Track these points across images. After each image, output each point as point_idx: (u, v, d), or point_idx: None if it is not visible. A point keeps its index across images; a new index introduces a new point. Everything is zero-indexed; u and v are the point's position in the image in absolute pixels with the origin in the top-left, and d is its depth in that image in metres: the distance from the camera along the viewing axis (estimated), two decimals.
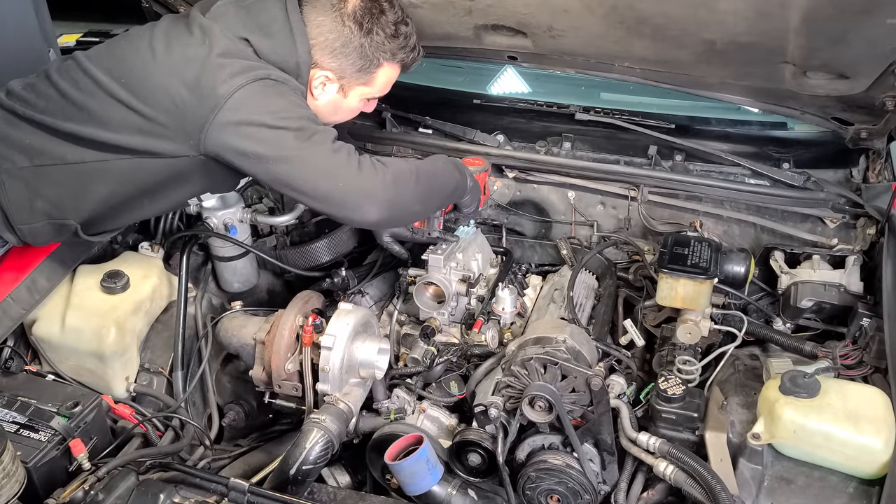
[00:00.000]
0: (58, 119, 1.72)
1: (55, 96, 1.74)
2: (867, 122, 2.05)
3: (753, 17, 1.67)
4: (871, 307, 1.89)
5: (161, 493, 1.59)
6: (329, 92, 1.87)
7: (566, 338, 1.83)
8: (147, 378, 2.19)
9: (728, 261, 2.03)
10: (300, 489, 1.77)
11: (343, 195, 1.71)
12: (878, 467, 1.56)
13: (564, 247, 2.38)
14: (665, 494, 1.72)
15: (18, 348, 2.13)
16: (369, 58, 1.83)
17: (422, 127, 2.54)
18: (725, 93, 2.15)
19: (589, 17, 1.85)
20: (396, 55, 1.87)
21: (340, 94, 1.88)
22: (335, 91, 1.87)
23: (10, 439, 1.57)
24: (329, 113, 1.91)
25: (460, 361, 2.03)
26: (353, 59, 1.82)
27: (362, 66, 1.84)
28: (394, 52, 1.86)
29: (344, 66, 1.82)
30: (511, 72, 2.71)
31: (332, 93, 1.87)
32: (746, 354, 1.99)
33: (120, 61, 1.74)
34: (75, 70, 1.76)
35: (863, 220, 2.14)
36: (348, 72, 1.84)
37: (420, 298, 2.09)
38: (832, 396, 1.62)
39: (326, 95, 1.87)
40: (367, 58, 1.83)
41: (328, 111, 1.90)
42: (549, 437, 1.78)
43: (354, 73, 1.84)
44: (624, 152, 2.40)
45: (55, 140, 1.73)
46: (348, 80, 1.86)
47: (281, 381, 2.02)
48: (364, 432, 2.00)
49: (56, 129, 1.73)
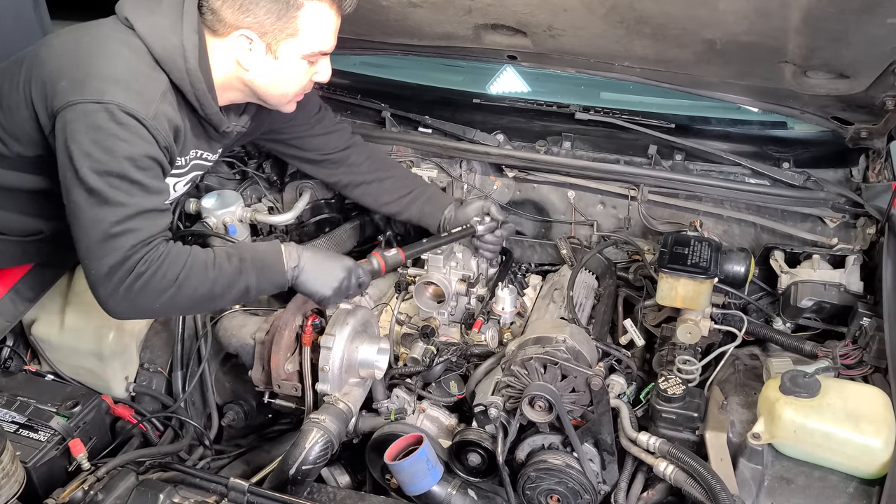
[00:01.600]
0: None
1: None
2: (867, 121, 2.05)
3: (754, 16, 1.67)
4: (871, 307, 1.88)
5: (161, 493, 1.59)
6: (257, 56, 1.67)
7: (566, 337, 1.83)
8: (146, 378, 2.19)
9: (728, 260, 2.03)
10: (300, 489, 1.77)
11: (90, 278, 1.57)
12: (878, 467, 1.56)
13: (564, 246, 2.38)
14: (665, 494, 1.72)
15: (18, 348, 2.13)
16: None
17: (421, 126, 2.54)
18: (725, 92, 2.15)
19: (589, 17, 1.85)
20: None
21: (270, 55, 1.67)
22: (263, 53, 1.67)
23: (10, 439, 1.58)
24: (270, 86, 1.73)
25: (460, 361, 2.03)
26: (267, 5, 1.60)
27: (279, 11, 1.61)
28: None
29: (260, 18, 1.62)
30: (511, 71, 2.71)
31: (261, 55, 1.67)
32: (746, 354, 1.99)
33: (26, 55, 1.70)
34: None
35: (863, 219, 2.14)
36: (268, 23, 1.62)
37: (420, 298, 2.09)
38: (832, 396, 1.62)
39: (256, 61, 1.68)
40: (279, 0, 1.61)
41: (268, 82, 1.72)
42: (548, 437, 1.78)
43: (275, 22, 1.62)
44: (624, 152, 2.40)
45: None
46: (272, 34, 1.64)
47: (280, 381, 2.02)
48: (364, 432, 2.00)
49: None
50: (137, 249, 1.55)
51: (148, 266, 1.56)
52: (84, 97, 1.52)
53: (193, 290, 1.62)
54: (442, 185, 2.54)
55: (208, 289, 1.65)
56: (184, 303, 1.65)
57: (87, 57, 1.57)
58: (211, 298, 1.68)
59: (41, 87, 1.59)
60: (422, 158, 2.53)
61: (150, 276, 1.56)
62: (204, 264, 1.65)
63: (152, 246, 1.58)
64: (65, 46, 1.63)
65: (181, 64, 1.63)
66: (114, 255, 1.53)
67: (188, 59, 1.63)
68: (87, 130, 1.51)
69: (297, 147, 2.19)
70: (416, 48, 2.32)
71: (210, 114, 1.74)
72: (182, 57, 1.62)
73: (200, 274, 1.63)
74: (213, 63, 1.69)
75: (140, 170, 1.56)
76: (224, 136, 1.88)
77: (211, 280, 1.65)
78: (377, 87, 2.62)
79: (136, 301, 1.58)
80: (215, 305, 1.77)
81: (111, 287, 1.55)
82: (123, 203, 1.53)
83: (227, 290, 1.68)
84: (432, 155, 2.52)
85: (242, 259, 1.71)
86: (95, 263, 1.55)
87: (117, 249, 1.53)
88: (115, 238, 1.53)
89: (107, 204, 1.52)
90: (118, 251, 1.53)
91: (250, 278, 1.70)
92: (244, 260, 1.71)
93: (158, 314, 1.82)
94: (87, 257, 1.56)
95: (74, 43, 1.63)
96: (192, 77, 1.65)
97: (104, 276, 1.55)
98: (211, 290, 1.65)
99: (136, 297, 1.56)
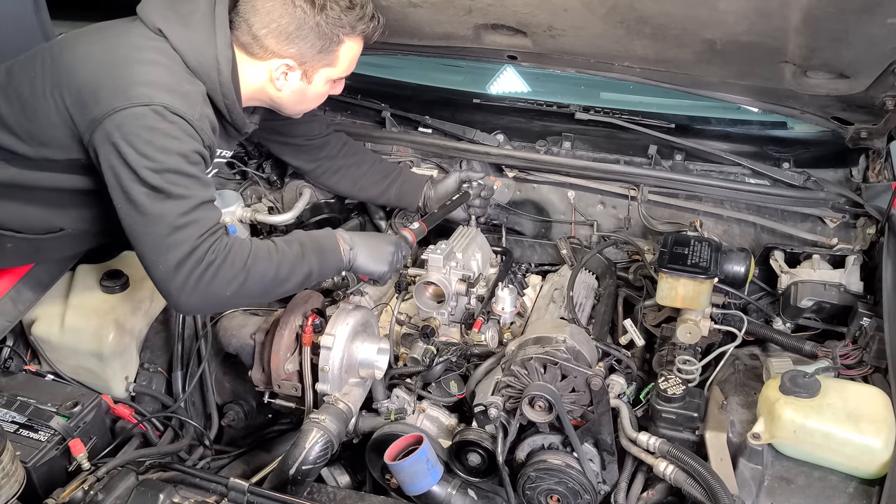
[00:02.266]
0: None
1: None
2: (867, 121, 2.05)
3: (754, 16, 1.67)
4: (870, 307, 1.89)
5: (160, 493, 1.59)
6: (292, 81, 1.79)
7: (566, 337, 1.83)
8: (146, 378, 2.19)
9: (728, 260, 2.03)
10: (300, 489, 1.77)
11: (158, 275, 1.61)
12: (878, 467, 1.56)
13: (564, 246, 2.38)
14: (665, 494, 1.72)
15: (18, 348, 2.13)
16: (328, 36, 1.72)
17: (421, 126, 2.54)
18: (725, 92, 2.15)
19: (589, 17, 1.84)
20: (356, 27, 1.75)
21: (304, 80, 1.80)
22: (298, 79, 1.79)
23: (10, 439, 1.57)
24: (295, 102, 1.85)
25: (460, 361, 2.03)
26: (312, 41, 1.72)
27: (322, 47, 1.73)
28: (353, 24, 1.74)
29: (303, 50, 1.73)
30: (511, 71, 2.71)
31: (296, 81, 1.79)
32: (746, 354, 1.99)
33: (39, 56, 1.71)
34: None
35: (863, 219, 2.14)
36: (309, 55, 1.74)
37: (420, 298, 2.09)
38: (832, 396, 1.62)
39: (290, 85, 1.79)
40: (326, 36, 1.72)
41: (294, 100, 1.84)
42: (548, 437, 1.78)
43: (315, 55, 1.75)
44: (624, 152, 2.40)
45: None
46: (311, 63, 1.76)
47: (280, 381, 2.02)
48: (364, 432, 2.00)
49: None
50: (204, 238, 1.60)
51: (216, 255, 1.61)
52: (132, 102, 1.56)
53: (261, 275, 1.68)
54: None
55: (274, 273, 1.70)
56: (253, 289, 1.69)
57: (125, 65, 1.61)
58: (277, 283, 1.73)
59: (76, 94, 1.61)
60: (422, 158, 2.53)
61: (219, 265, 1.61)
62: (267, 250, 1.72)
63: (217, 235, 1.63)
64: (96, 55, 1.65)
65: (215, 76, 1.70)
66: (182, 247, 1.57)
67: (221, 73, 1.70)
68: (141, 132, 1.55)
69: (284, 133, 2.25)
70: (416, 48, 2.32)
71: (236, 119, 1.82)
72: (216, 70, 1.69)
73: (265, 260, 1.69)
74: (242, 76, 1.77)
75: (193, 164, 1.62)
76: (243, 135, 1.97)
77: (276, 265, 1.71)
78: (377, 87, 2.62)
79: (208, 291, 1.61)
80: (282, 291, 1.80)
81: (181, 280, 1.59)
82: (185, 196, 1.59)
83: (291, 274, 1.74)
84: (432, 155, 2.52)
85: (303, 244, 1.78)
86: (163, 259, 1.58)
87: (185, 241, 1.58)
88: (181, 230, 1.57)
89: (170, 198, 1.57)
90: (186, 242, 1.57)
91: (312, 262, 1.77)
92: (304, 244, 1.78)
93: (229, 305, 1.87)
94: (154, 254, 1.59)
95: (107, 52, 1.65)
96: (224, 88, 1.72)
97: (173, 271, 1.58)
98: (276, 274, 1.71)
99: (208, 287, 1.61)
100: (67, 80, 1.63)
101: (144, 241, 1.60)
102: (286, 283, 1.75)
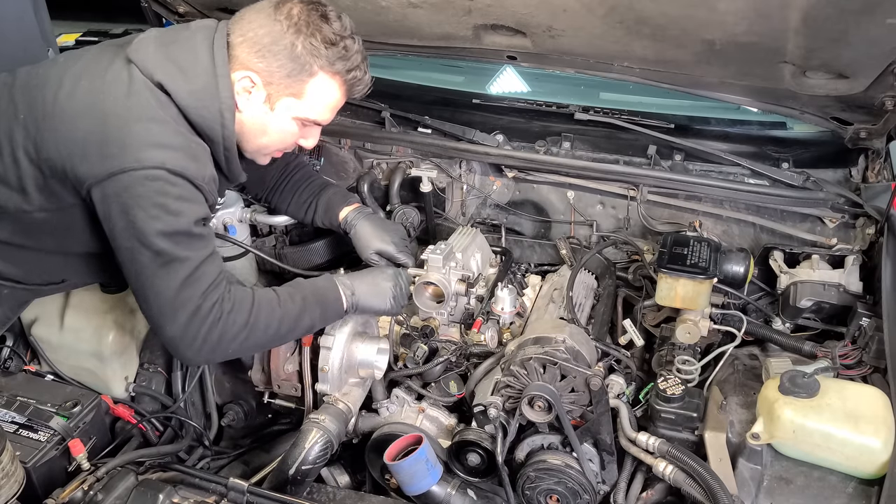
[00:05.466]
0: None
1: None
2: (866, 121, 2.05)
3: (753, 17, 1.67)
4: (870, 307, 1.88)
5: (160, 493, 1.59)
6: (255, 101, 1.67)
7: (565, 338, 1.83)
8: (146, 378, 2.19)
9: (727, 260, 2.03)
10: (299, 489, 1.77)
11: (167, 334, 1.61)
12: (878, 467, 1.56)
13: (564, 246, 2.38)
14: (664, 494, 1.72)
15: (17, 348, 2.13)
16: (300, 61, 1.63)
17: (421, 126, 2.54)
18: (725, 93, 2.15)
19: (588, 17, 1.85)
20: (334, 65, 1.66)
21: (267, 104, 1.68)
22: (262, 101, 1.67)
23: (10, 439, 1.57)
24: (256, 132, 1.72)
25: (459, 361, 2.03)
26: (283, 61, 1.62)
27: (292, 70, 1.63)
28: (331, 60, 1.65)
29: (272, 68, 1.63)
30: (510, 71, 2.71)
31: (259, 102, 1.67)
32: (746, 354, 2.00)
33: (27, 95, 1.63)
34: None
35: (862, 219, 2.14)
36: (276, 76, 1.64)
37: (419, 298, 2.09)
38: (831, 396, 1.62)
39: (251, 106, 1.67)
40: (298, 60, 1.63)
41: (255, 130, 1.71)
42: (548, 437, 1.78)
43: (283, 78, 1.64)
44: (623, 152, 2.40)
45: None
46: (276, 86, 1.65)
47: (280, 382, 2.03)
48: (363, 432, 2.01)
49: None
50: (208, 294, 1.60)
51: (221, 311, 1.62)
52: (143, 164, 1.51)
53: (264, 329, 1.69)
54: (441, 186, 2.55)
55: (277, 327, 1.72)
56: (258, 341, 1.72)
57: (126, 121, 1.54)
58: (280, 337, 1.77)
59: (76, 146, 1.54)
60: (421, 158, 2.53)
61: (223, 324, 1.62)
62: (269, 304, 1.72)
63: (220, 289, 1.63)
64: (88, 105, 1.56)
65: (218, 131, 1.65)
66: (188, 307, 1.58)
67: (226, 127, 1.65)
68: (151, 195, 1.52)
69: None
70: (416, 48, 2.32)
71: (233, 169, 1.77)
72: (220, 124, 1.64)
73: (268, 315, 1.70)
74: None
75: (199, 225, 1.61)
76: (234, 186, 1.98)
77: (278, 319, 1.72)
78: (377, 87, 2.57)
79: (215, 346, 1.64)
80: (284, 341, 1.86)
81: (190, 339, 1.60)
82: (190, 257, 1.58)
83: (294, 327, 1.76)
84: (432, 155, 2.52)
85: (305, 297, 1.78)
86: (171, 319, 1.59)
87: (190, 299, 1.58)
88: (186, 288, 1.57)
89: (177, 260, 1.56)
90: (191, 301, 1.58)
91: (315, 314, 1.79)
92: (306, 298, 1.78)
93: (235, 356, 1.84)
94: (162, 315, 1.60)
95: (99, 101, 1.56)
96: (226, 142, 1.68)
97: (183, 330, 1.59)
98: (279, 328, 1.72)
99: (216, 343, 1.63)
100: (52, 127, 1.56)
101: (150, 301, 1.60)
102: (288, 336, 1.79)
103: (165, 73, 1.58)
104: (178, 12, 2.40)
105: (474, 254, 2.23)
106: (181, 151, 1.56)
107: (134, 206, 1.52)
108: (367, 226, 2.11)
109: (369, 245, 2.09)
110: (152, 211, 1.52)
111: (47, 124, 1.57)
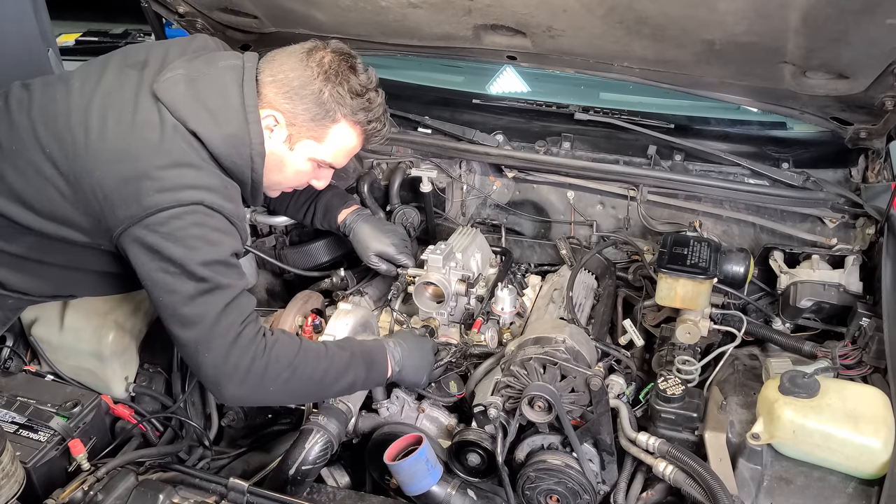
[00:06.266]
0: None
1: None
2: (866, 121, 2.05)
3: (753, 17, 1.67)
4: (870, 307, 1.89)
5: (160, 494, 1.59)
6: (276, 139, 1.71)
7: (565, 338, 1.83)
8: (146, 378, 2.19)
9: (727, 261, 2.03)
10: (299, 489, 1.77)
11: (206, 365, 1.58)
12: (878, 467, 1.56)
13: (564, 247, 2.38)
14: (664, 494, 1.72)
15: (18, 348, 2.13)
16: (325, 107, 1.69)
17: (421, 126, 2.54)
18: (725, 93, 2.15)
19: (588, 17, 1.85)
20: (357, 115, 1.73)
21: (287, 144, 1.73)
22: (283, 140, 1.72)
23: (10, 439, 1.57)
24: (272, 169, 1.75)
25: (459, 361, 2.03)
26: (308, 105, 1.68)
27: (316, 115, 1.69)
28: (354, 110, 1.72)
29: (297, 110, 1.68)
30: (510, 71, 2.71)
31: (280, 141, 1.72)
32: (746, 354, 2.00)
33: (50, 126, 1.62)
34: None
35: (862, 219, 2.14)
36: (300, 118, 1.69)
37: (419, 298, 2.09)
38: (831, 396, 1.62)
39: (273, 143, 1.72)
40: (324, 106, 1.69)
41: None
42: (548, 437, 1.78)
43: (307, 121, 1.70)
44: (623, 152, 2.40)
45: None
46: (298, 128, 1.71)
47: None
48: (363, 432, 2.00)
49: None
50: (248, 323, 1.60)
51: (264, 345, 1.61)
52: (181, 202, 1.53)
53: (309, 376, 1.67)
54: (441, 186, 2.55)
55: (321, 377, 1.69)
56: (300, 388, 1.70)
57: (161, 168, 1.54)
58: (323, 387, 1.73)
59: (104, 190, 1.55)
60: (421, 158, 2.53)
61: (267, 358, 1.60)
62: (316, 351, 1.71)
63: (259, 323, 1.63)
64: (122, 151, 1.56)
65: (248, 174, 1.69)
66: (229, 333, 1.57)
67: (255, 171, 1.69)
68: (189, 227, 1.54)
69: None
70: (416, 48, 2.32)
71: (256, 201, 1.80)
72: (250, 168, 1.68)
73: (315, 360, 1.69)
74: None
75: (235, 256, 1.64)
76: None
77: (324, 369, 1.70)
78: None
79: (260, 385, 1.61)
80: (323, 395, 1.82)
81: (231, 369, 1.58)
82: (231, 285, 1.59)
83: (337, 380, 1.73)
84: (432, 155, 2.52)
85: (353, 354, 1.77)
86: (211, 348, 1.57)
87: (232, 326, 1.57)
88: (227, 315, 1.57)
89: (218, 288, 1.56)
90: (232, 328, 1.57)
91: (359, 373, 1.76)
92: (354, 355, 1.77)
93: (277, 401, 1.86)
94: (201, 344, 1.57)
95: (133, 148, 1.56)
96: (255, 184, 1.72)
97: (223, 358, 1.57)
98: (323, 378, 1.70)
99: (259, 379, 1.60)
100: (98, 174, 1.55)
101: (188, 332, 1.57)
102: (330, 388, 1.75)
103: (198, 119, 1.60)
104: (178, 12, 2.40)
105: (474, 254, 2.23)
106: (217, 193, 1.59)
107: (174, 238, 1.53)
108: (366, 228, 2.14)
109: (369, 247, 2.12)
110: (192, 242, 1.54)
111: (79, 166, 1.57)
